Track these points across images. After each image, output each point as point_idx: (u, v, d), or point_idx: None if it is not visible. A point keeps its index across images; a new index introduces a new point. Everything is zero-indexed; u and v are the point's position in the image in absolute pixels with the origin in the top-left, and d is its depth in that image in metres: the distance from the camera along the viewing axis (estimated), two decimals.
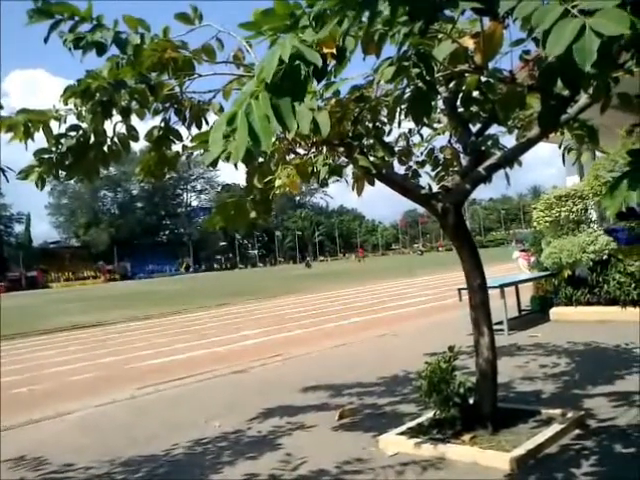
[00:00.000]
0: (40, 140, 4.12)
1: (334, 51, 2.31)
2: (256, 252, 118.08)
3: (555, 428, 4.44)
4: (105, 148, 4.29)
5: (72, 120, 4.12)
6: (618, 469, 3.82)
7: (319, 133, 3.03)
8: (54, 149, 4.13)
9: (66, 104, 3.99)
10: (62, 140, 4.12)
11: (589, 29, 1.60)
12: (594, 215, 10.96)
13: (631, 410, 4.95)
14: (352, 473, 4.22)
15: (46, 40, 3.44)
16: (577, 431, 4.54)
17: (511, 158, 4.53)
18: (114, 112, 4.06)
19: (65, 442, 5.89)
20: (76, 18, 3.39)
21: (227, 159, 1.99)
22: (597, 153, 9.93)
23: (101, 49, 3.50)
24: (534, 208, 11.38)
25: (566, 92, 3.39)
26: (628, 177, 2.15)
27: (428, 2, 2.04)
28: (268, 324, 14.83)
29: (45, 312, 26.70)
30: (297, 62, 1.96)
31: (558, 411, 4.78)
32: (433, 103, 4.77)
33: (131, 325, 18.33)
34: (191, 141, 4.65)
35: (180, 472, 4.70)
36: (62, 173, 4.29)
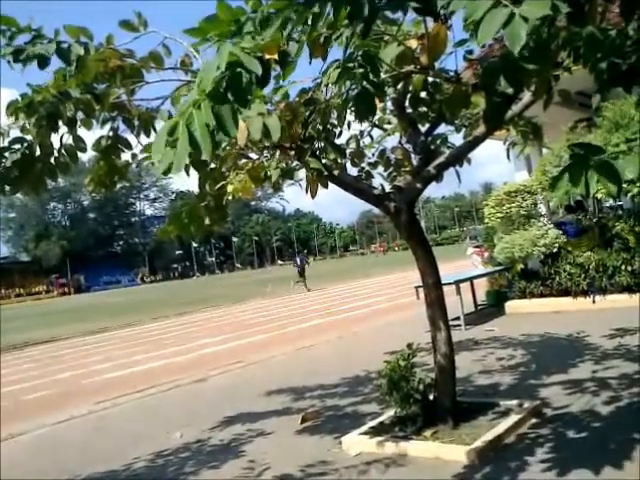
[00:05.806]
0: None
1: (276, 57, 2.32)
2: (214, 259, 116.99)
3: (513, 419, 4.54)
4: (52, 160, 4.18)
5: (15, 133, 4.01)
6: (573, 454, 3.92)
7: (270, 137, 3.03)
8: None
9: (16, 119, 3.88)
10: (6, 154, 4.00)
11: (518, 16, 1.72)
12: (543, 209, 11.23)
13: (583, 397, 5.10)
14: (316, 475, 4.22)
15: None
16: (534, 420, 4.65)
17: (459, 156, 4.62)
18: (60, 124, 3.97)
19: (19, 464, 5.71)
20: (13, 29, 3.29)
21: (168, 170, 1.98)
22: (543, 149, 10.25)
23: (43, 62, 3.41)
24: (485, 205, 11.59)
25: (510, 90, 3.49)
26: (569, 171, 2.23)
27: (368, 3, 2.07)
28: (228, 331, 14.71)
29: None
30: (238, 70, 1.96)
31: (515, 402, 4.89)
32: (382, 104, 4.84)
33: (87, 339, 17.93)
34: (141, 151, 4.60)
35: None
36: (7, 187, 4.17)
